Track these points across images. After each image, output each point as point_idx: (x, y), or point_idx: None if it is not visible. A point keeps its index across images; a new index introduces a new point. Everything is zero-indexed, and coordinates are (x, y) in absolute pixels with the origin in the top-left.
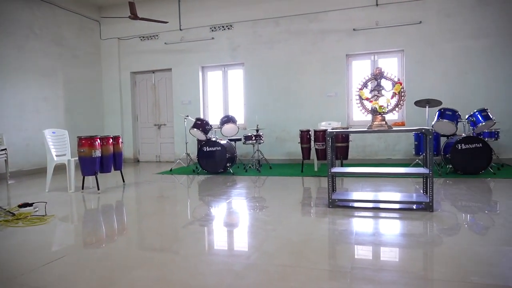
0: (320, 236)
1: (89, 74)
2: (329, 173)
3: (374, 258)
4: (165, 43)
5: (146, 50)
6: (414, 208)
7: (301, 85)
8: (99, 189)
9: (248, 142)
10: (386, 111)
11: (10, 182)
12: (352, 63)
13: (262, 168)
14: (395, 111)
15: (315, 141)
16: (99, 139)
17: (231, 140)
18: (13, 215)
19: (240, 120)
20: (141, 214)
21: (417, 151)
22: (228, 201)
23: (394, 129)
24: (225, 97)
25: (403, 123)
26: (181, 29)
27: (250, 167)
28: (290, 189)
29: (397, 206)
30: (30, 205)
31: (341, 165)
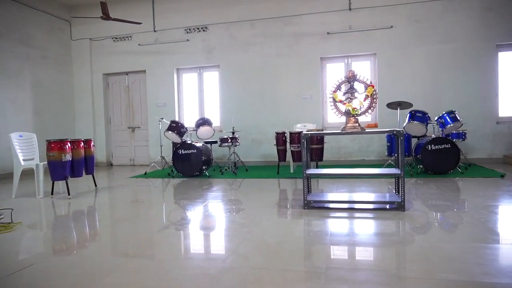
0: (295, 237)
1: (59, 75)
2: (304, 175)
3: (348, 258)
4: (139, 45)
5: (119, 51)
6: (387, 208)
7: (277, 87)
8: (69, 194)
9: (224, 144)
10: (359, 113)
11: None
12: (326, 66)
13: (238, 170)
14: (367, 113)
15: (290, 143)
16: (70, 142)
17: (207, 142)
18: None
19: (216, 122)
20: (114, 219)
21: (389, 152)
22: (204, 204)
23: (366, 130)
24: (200, 99)
25: (376, 125)
26: (155, 31)
27: (226, 169)
28: (266, 191)
29: (371, 206)
30: None
31: (317, 167)
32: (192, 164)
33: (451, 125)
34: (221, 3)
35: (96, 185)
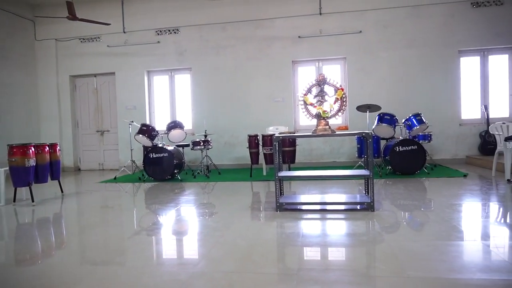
0: (267, 240)
1: (22, 77)
2: (276, 177)
3: (320, 258)
4: (108, 46)
5: (87, 52)
6: (358, 208)
7: (249, 90)
8: (33, 201)
9: (196, 147)
10: (329, 116)
11: None
12: (298, 69)
13: (211, 173)
14: (338, 116)
15: (263, 146)
16: (34, 147)
17: (178, 146)
18: None
19: (188, 125)
20: (82, 226)
21: (359, 154)
22: (176, 209)
23: (337, 133)
24: (172, 102)
25: (347, 127)
26: (124, 32)
27: (198, 173)
28: (239, 194)
29: (342, 207)
30: None
31: (289, 169)
32: (163, 168)
33: (418, 127)
34: (193, 6)
35: (62, 191)
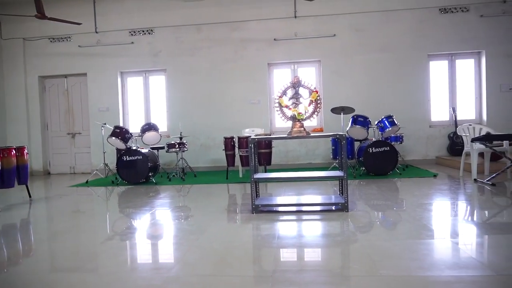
0: (243, 242)
1: None
2: (252, 179)
3: (295, 260)
4: (79, 46)
5: (57, 52)
6: (333, 209)
7: (225, 92)
8: None
9: (171, 150)
10: (304, 118)
11: None
12: (273, 72)
13: (186, 176)
14: (312, 118)
15: (239, 148)
16: None
17: (153, 148)
18: None
19: (162, 127)
20: (51, 232)
21: (334, 155)
22: (150, 212)
23: (312, 135)
24: (146, 104)
25: (322, 129)
26: (97, 32)
27: (174, 176)
28: (215, 196)
29: (318, 208)
30: None
31: (265, 171)
32: (137, 171)
33: (390, 129)
34: (167, 6)
35: (30, 196)
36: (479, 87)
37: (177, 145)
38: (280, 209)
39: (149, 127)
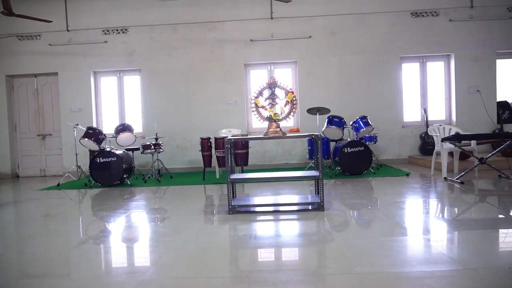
0: (219, 243)
1: None
2: (229, 180)
3: (271, 259)
4: (50, 45)
5: (26, 51)
6: (309, 208)
7: (201, 92)
8: None
9: (146, 151)
10: (280, 118)
11: None
12: (250, 72)
13: (162, 178)
14: (288, 118)
15: (216, 149)
16: None
17: (128, 149)
18: None
19: (138, 128)
20: (21, 237)
21: (310, 155)
22: (125, 215)
23: (288, 135)
24: (121, 104)
25: (298, 130)
26: (68, 30)
27: (149, 177)
28: (191, 198)
29: (295, 208)
30: None
31: (242, 171)
32: (112, 172)
33: (364, 129)
34: (142, 5)
35: None
36: (448, 89)
37: (153, 146)
38: (257, 209)
39: (123, 128)
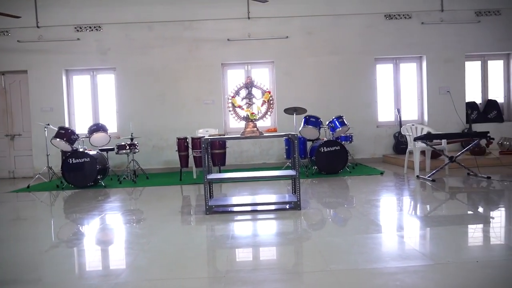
0: (196, 244)
1: None
2: (205, 180)
3: (248, 259)
4: (18, 41)
5: None
6: (287, 208)
7: (178, 92)
8: None
9: (121, 151)
10: (257, 118)
11: None
12: (227, 72)
13: (138, 178)
14: (265, 118)
15: (193, 149)
16: None
17: (102, 150)
18: None
19: (112, 128)
20: None
21: (288, 155)
22: (100, 217)
23: (264, 134)
24: (94, 103)
25: (275, 129)
26: (38, 27)
27: (124, 178)
28: (168, 198)
29: (272, 207)
30: None
31: (219, 171)
32: (85, 174)
33: (340, 129)
34: (116, 2)
35: None
36: (420, 89)
37: (128, 147)
38: (234, 209)
39: (97, 128)
